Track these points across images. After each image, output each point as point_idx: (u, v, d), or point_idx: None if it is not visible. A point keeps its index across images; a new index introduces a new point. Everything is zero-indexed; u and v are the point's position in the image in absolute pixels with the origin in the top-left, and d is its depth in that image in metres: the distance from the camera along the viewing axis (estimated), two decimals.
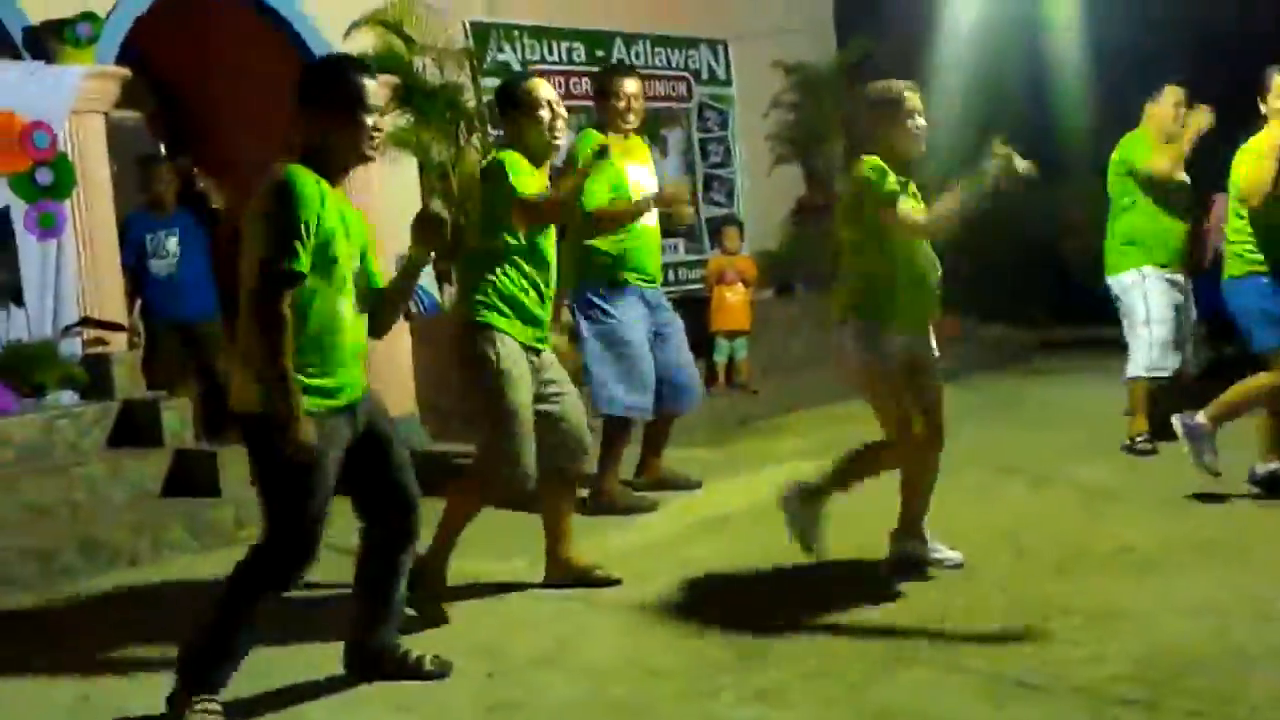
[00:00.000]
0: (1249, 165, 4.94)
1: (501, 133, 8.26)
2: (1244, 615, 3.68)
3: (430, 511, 4.52)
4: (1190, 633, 3.59)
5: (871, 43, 10.33)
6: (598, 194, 5.25)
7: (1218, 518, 4.75)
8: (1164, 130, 6.05)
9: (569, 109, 9.91)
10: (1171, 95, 6.07)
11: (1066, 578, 4.18)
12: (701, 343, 8.17)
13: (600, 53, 9.26)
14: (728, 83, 10.11)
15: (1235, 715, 3.03)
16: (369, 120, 3.28)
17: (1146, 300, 5.99)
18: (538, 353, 4.22)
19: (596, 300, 5.47)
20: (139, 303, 6.89)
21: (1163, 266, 6.01)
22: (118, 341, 6.42)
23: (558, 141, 4.33)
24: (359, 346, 3.38)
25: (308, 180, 3.17)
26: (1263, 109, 5.03)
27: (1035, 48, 10.68)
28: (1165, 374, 6.01)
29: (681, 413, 5.88)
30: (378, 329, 3.51)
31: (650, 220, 5.49)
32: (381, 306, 3.50)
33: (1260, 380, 4.93)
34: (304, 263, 3.12)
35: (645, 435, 5.84)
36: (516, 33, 8.74)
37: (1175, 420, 5.01)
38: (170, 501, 5.63)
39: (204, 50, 8.13)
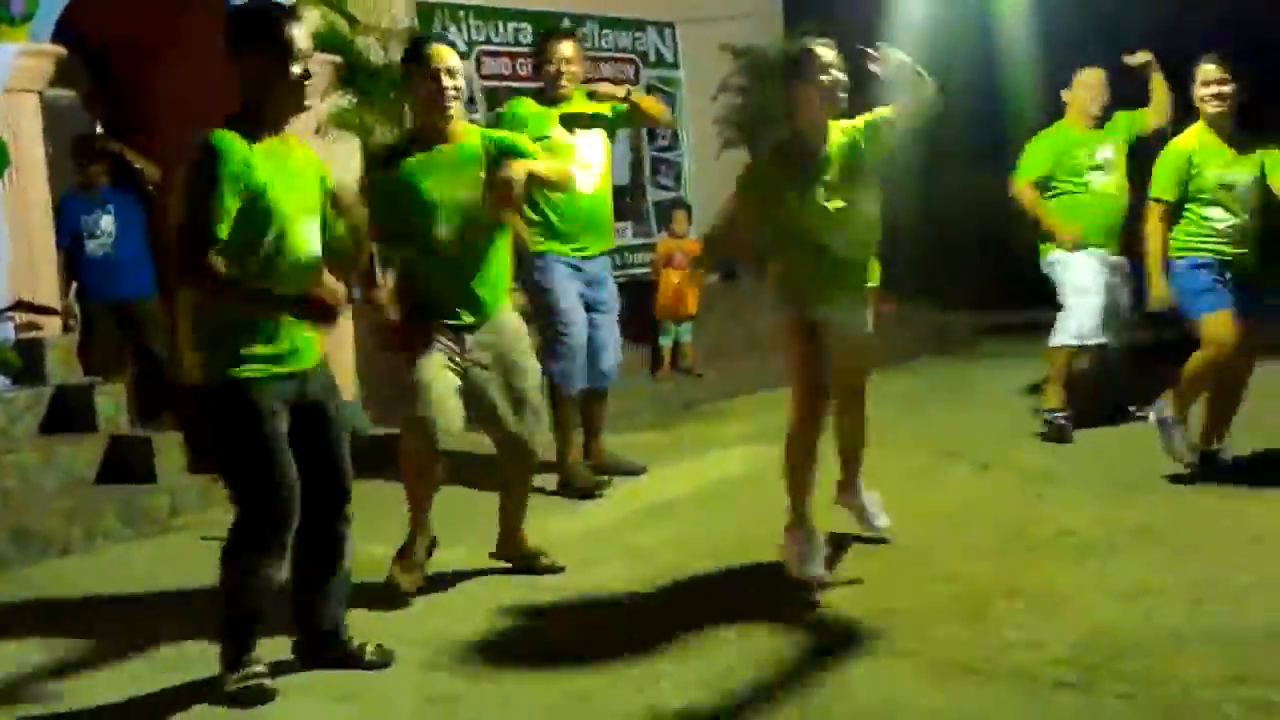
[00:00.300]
0: (1159, 162, 5.12)
1: None
2: (1178, 598, 3.73)
3: (374, 495, 4.51)
4: (1126, 616, 3.63)
5: (819, 27, 10.32)
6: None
7: (1154, 501, 4.80)
8: (1086, 113, 6.11)
9: (516, 90, 9.89)
10: (1088, 77, 6.12)
11: (1008, 561, 4.22)
12: (647, 327, 8.16)
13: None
14: (675, 66, 10.08)
15: (1168, 696, 3.07)
16: (295, 68, 3.21)
17: (1070, 272, 6.02)
18: (460, 332, 4.15)
19: (539, 271, 5.46)
20: (74, 286, 6.75)
21: (1095, 247, 6.03)
22: (52, 325, 6.28)
23: (449, 110, 4.11)
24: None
25: (225, 139, 3.12)
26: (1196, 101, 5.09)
27: (985, 35, 10.73)
28: (1092, 343, 6.02)
29: (600, 388, 5.77)
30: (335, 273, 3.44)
31: (587, 188, 5.40)
32: (335, 261, 3.44)
33: (1195, 358, 4.99)
34: (222, 226, 3.07)
35: (582, 418, 5.79)
36: (462, 12, 8.65)
37: (1150, 411, 5.13)
38: (104, 489, 5.52)
39: (142, 27, 7.97)
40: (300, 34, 3.23)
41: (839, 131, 4.07)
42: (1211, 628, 3.47)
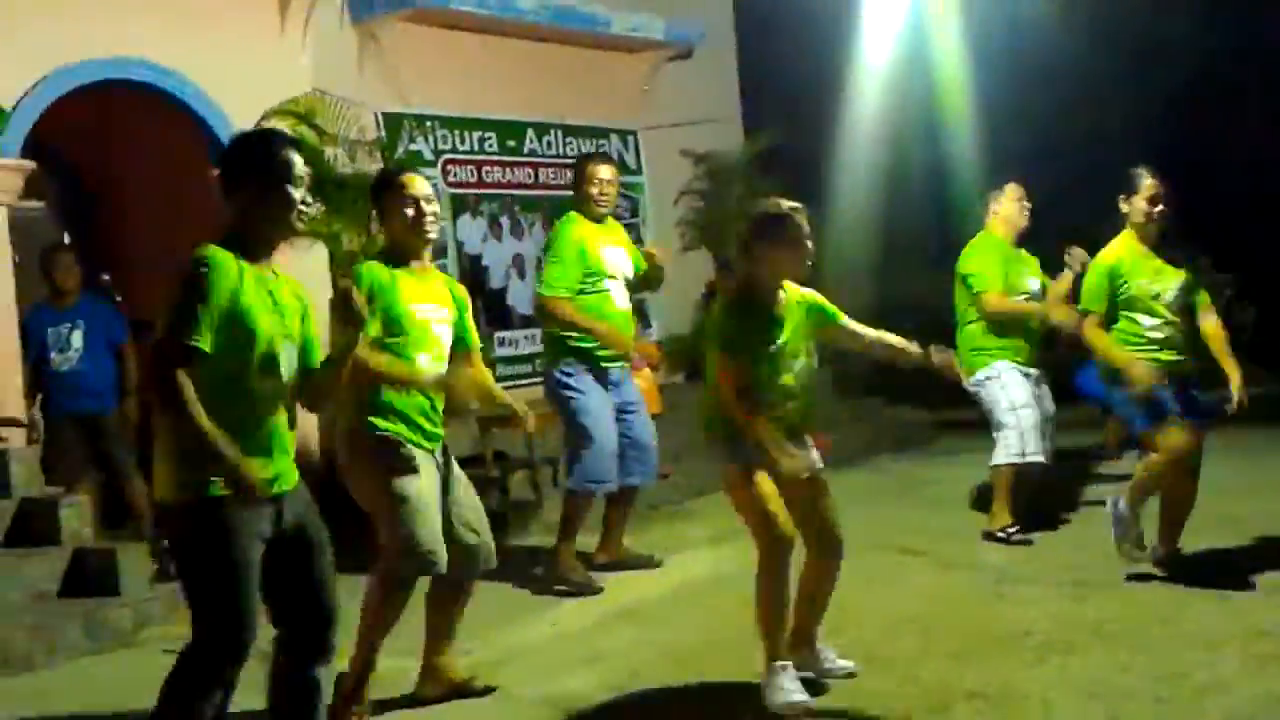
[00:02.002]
0: (1089, 278, 5.15)
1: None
2: (1139, 698, 3.79)
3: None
4: (1086, 715, 3.68)
5: (777, 134, 10.63)
6: (570, 275, 5.55)
7: (1113, 599, 4.87)
8: (1013, 225, 6.14)
9: (482, 196, 10.06)
10: (1013, 193, 6.17)
11: (970, 662, 4.26)
12: None
13: (512, 142, 9.42)
14: (638, 171, 10.31)
15: None
16: (294, 193, 3.23)
17: (1006, 390, 6.01)
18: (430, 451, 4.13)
19: (564, 379, 5.67)
20: (39, 397, 6.74)
21: (1019, 363, 6.04)
22: (15, 438, 6.28)
23: (429, 236, 4.19)
24: (283, 433, 3.25)
25: (219, 256, 3.11)
26: (1124, 208, 5.13)
27: (935, 145, 11.09)
28: (1039, 458, 5.99)
29: (637, 485, 5.98)
30: (310, 404, 3.44)
31: (620, 303, 5.75)
32: (311, 389, 3.40)
33: (1153, 459, 5.05)
34: (205, 339, 3.05)
35: (606, 513, 5.99)
36: (429, 123, 8.85)
37: (1107, 503, 5.13)
38: (68, 602, 5.47)
39: (112, 141, 8.10)
40: (298, 161, 3.26)
41: (793, 290, 4.12)
42: None
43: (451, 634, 4.27)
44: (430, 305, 4.17)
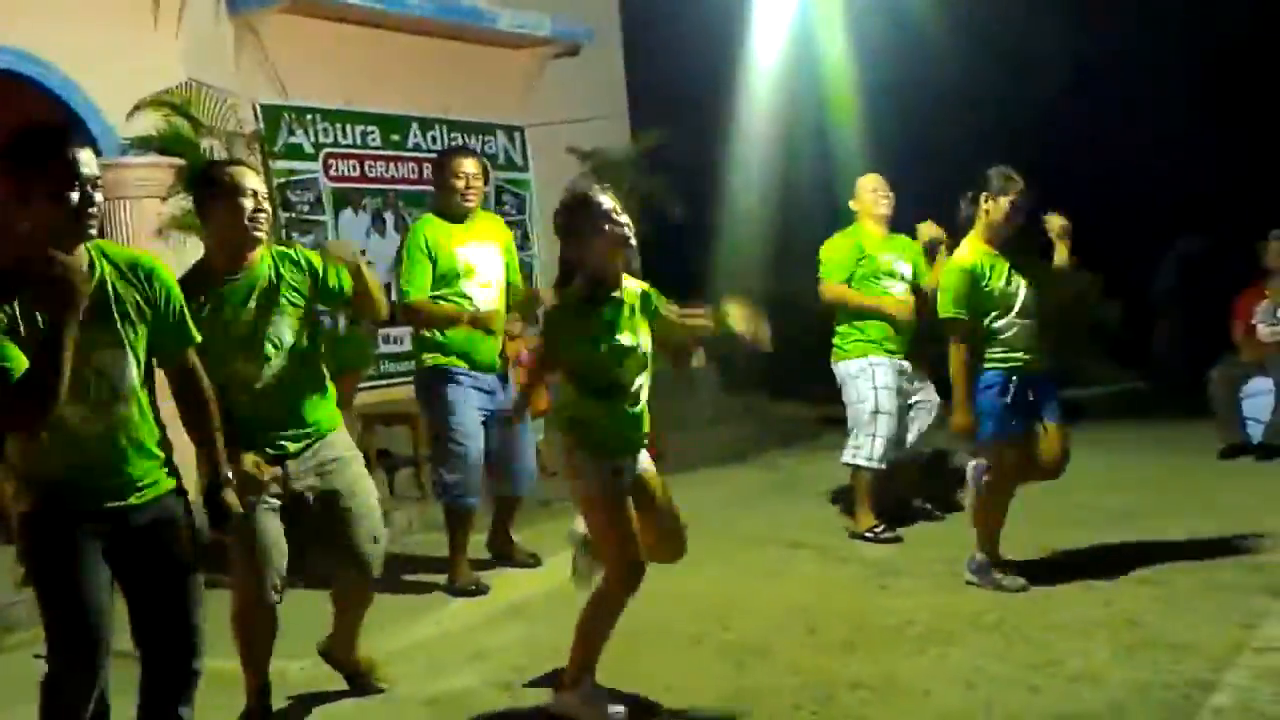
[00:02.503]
0: (950, 284, 5.03)
1: (292, 215, 8.27)
2: (1015, 686, 3.90)
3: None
4: (965, 703, 3.78)
5: (664, 132, 10.68)
6: (424, 277, 5.34)
7: (988, 591, 4.98)
8: (871, 214, 6.18)
9: (364, 191, 9.88)
10: (869, 181, 6.26)
11: (854, 653, 4.34)
12: None
13: (395, 137, 9.27)
14: (525, 168, 10.25)
15: None
16: (75, 195, 2.82)
17: (875, 391, 6.01)
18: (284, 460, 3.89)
19: (432, 385, 5.47)
20: None
21: (890, 354, 6.07)
22: None
23: (258, 234, 3.78)
24: (123, 440, 2.99)
25: None
26: (983, 206, 5.06)
27: (825, 135, 11.25)
28: (882, 467, 6.07)
29: (519, 495, 5.91)
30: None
31: (491, 302, 5.49)
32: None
33: (987, 485, 5.03)
34: (14, 360, 2.75)
35: (495, 510, 5.93)
36: (310, 116, 8.67)
37: (965, 568, 5.08)
38: None
39: None
40: (85, 157, 2.85)
41: (630, 282, 3.94)
42: (1046, 714, 3.63)
43: (354, 624, 4.18)
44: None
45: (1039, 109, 12.82)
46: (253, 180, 3.81)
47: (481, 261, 5.54)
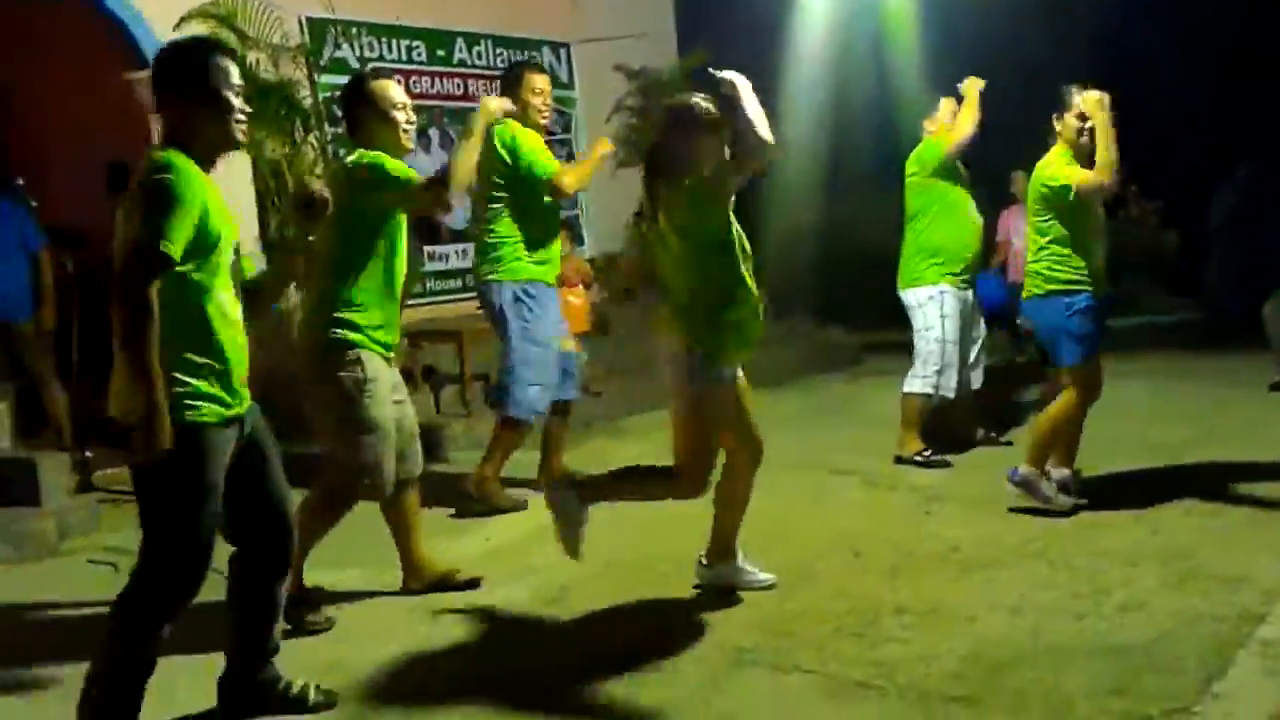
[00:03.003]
0: (1062, 170, 4.96)
1: (342, 130, 8.22)
2: (1060, 614, 3.88)
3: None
4: (1011, 630, 3.77)
5: (711, 51, 10.50)
6: (553, 163, 5.46)
7: (1033, 518, 4.96)
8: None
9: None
10: (947, 106, 6.17)
11: (899, 578, 4.34)
12: None
13: (441, 52, 9.19)
14: (570, 85, 10.14)
15: (1052, 710, 3.20)
16: (235, 102, 3.11)
17: (943, 320, 6.05)
18: (389, 361, 4.16)
19: (524, 299, 5.43)
20: None
21: (958, 279, 6.10)
22: None
23: (409, 145, 4.23)
24: (243, 345, 3.18)
25: (186, 163, 2.99)
26: (1056, 126, 5.07)
27: (878, 59, 11.03)
28: (949, 396, 6.12)
29: (569, 399, 5.82)
30: (252, 319, 3.33)
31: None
32: (258, 297, 3.34)
33: (1059, 405, 5.03)
34: (177, 247, 2.90)
35: (544, 435, 5.82)
36: (355, 30, 8.59)
37: (1007, 483, 5.04)
38: None
39: (26, 40, 7.78)
40: (234, 69, 3.14)
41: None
42: (1092, 643, 3.62)
43: (416, 532, 4.38)
44: None
45: (1099, 32, 12.51)
46: (398, 93, 4.18)
47: None
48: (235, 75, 3.14)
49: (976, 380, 6.41)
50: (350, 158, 4.18)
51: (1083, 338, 4.96)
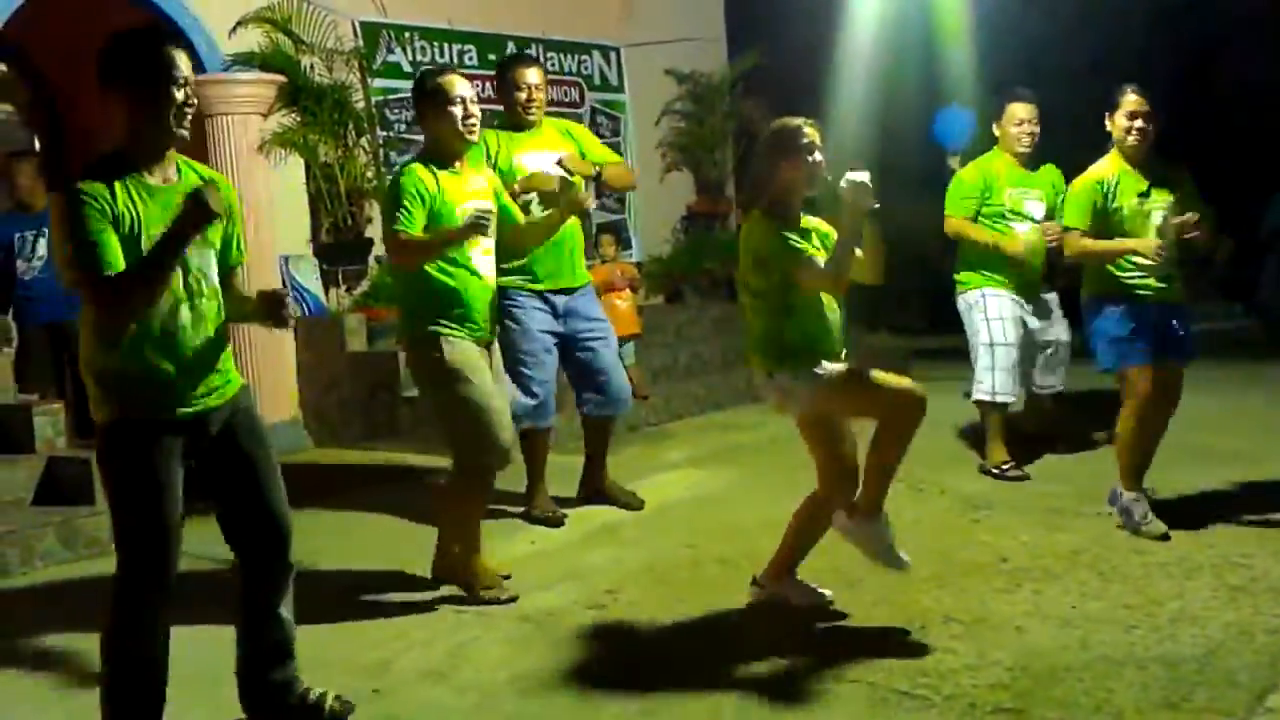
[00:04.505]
0: (1071, 192, 5.04)
1: (390, 134, 8.30)
2: (1109, 625, 3.84)
3: (316, 521, 4.45)
4: (1059, 641, 3.73)
5: (761, 55, 10.50)
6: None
7: (1086, 529, 4.91)
8: (1008, 148, 5.95)
9: None
10: (1016, 110, 5.92)
11: (945, 587, 4.30)
12: None
13: (493, 56, 9.21)
14: (620, 89, 10.16)
15: None
16: (178, 94, 2.99)
17: (988, 323, 5.91)
18: (489, 345, 4.40)
19: (505, 305, 5.07)
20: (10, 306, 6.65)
21: (1007, 287, 5.91)
22: None
23: (472, 138, 4.35)
24: (205, 347, 3.09)
25: (89, 182, 2.93)
26: (1107, 126, 4.97)
27: (928, 64, 10.94)
28: (1009, 399, 5.95)
29: (612, 417, 5.66)
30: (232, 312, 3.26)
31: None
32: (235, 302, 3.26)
33: (1123, 418, 4.91)
34: (115, 265, 2.89)
35: (585, 443, 5.68)
36: (408, 34, 8.66)
37: (1108, 503, 4.96)
38: (42, 510, 5.45)
39: (84, 45, 7.90)
40: (180, 59, 3.01)
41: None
42: (1143, 655, 3.58)
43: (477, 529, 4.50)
44: (473, 204, 4.29)
45: (1153, 36, 12.33)
46: (462, 88, 4.32)
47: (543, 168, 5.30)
48: (181, 65, 3.02)
49: (1056, 383, 6.24)
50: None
51: (1112, 341, 4.87)
